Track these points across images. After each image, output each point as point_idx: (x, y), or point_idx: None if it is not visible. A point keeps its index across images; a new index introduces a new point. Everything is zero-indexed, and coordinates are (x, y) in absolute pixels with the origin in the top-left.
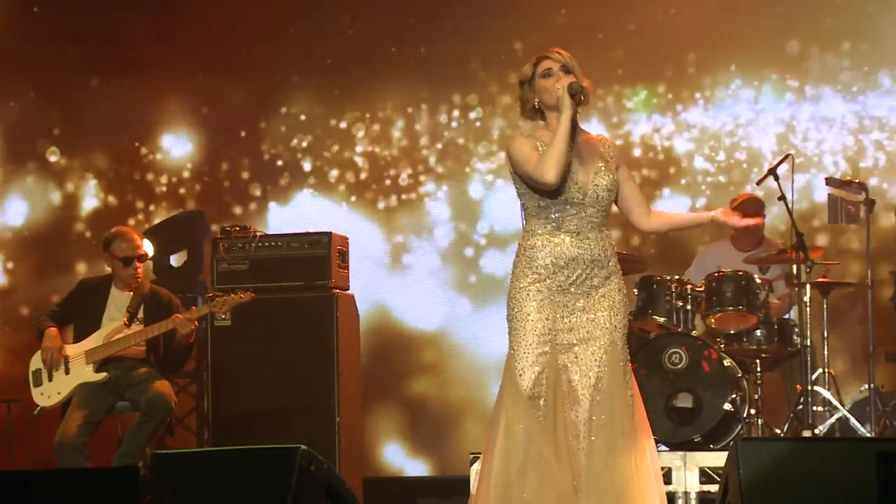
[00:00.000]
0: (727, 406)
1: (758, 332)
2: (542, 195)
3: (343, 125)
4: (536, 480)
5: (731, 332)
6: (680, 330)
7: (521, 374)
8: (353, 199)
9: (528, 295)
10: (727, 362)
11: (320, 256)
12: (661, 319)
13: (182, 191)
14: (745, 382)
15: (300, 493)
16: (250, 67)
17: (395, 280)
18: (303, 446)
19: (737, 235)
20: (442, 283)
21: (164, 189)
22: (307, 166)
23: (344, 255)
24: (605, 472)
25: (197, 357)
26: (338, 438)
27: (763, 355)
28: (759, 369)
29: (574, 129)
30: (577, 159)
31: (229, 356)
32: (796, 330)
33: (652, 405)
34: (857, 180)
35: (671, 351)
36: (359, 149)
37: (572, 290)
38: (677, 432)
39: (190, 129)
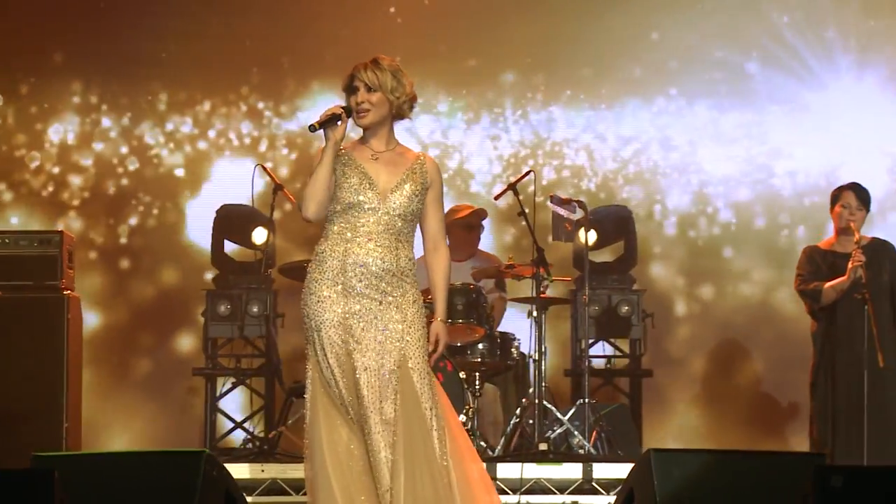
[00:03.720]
0: (462, 418)
1: (480, 346)
2: (336, 199)
3: None
4: (360, 484)
5: (458, 344)
6: None
7: (329, 383)
8: None
9: (318, 300)
10: (462, 374)
11: (51, 256)
12: None
13: None
14: (469, 395)
15: (204, 496)
16: None
17: None
18: (206, 451)
19: (451, 245)
20: None
21: None
22: None
23: (72, 256)
24: (413, 495)
25: None
26: (65, 444)
27: (483, 368)
28: (477, 382)
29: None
30: (382, 166)
31: None
32: (515, 343)
33: None
34: (576, 199)
35: None
36: None
37: (362, 297)
38: None
39: None
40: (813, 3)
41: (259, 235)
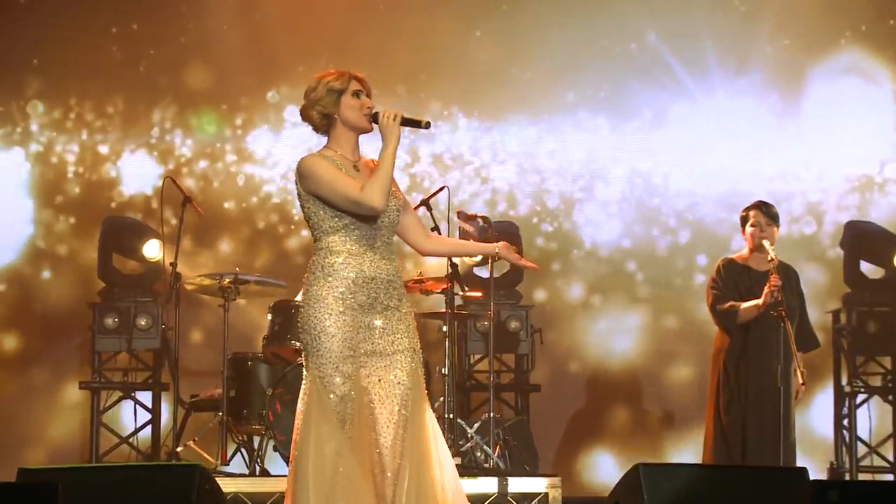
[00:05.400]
0: None
1: None
2: (337, 214)
3: None
4: (344, 499)
5: None
6: None
7: (329, 395)
8: None
9: (329, 315)
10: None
11: None
12: (298, 344)
13: None
14: None
15: None
16: None
17: None
18: (200, 465)
19: None
20: None
21: None
22: None
23: None
24: (416, 497)
25: None
26: None
27: None
28: None
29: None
30: (365, 178)
31: None
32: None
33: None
34: (481, 216)
35: None
36: None
37: (371, 310)
38: None
39: None
40: (691, 21)
41: (151, 248)
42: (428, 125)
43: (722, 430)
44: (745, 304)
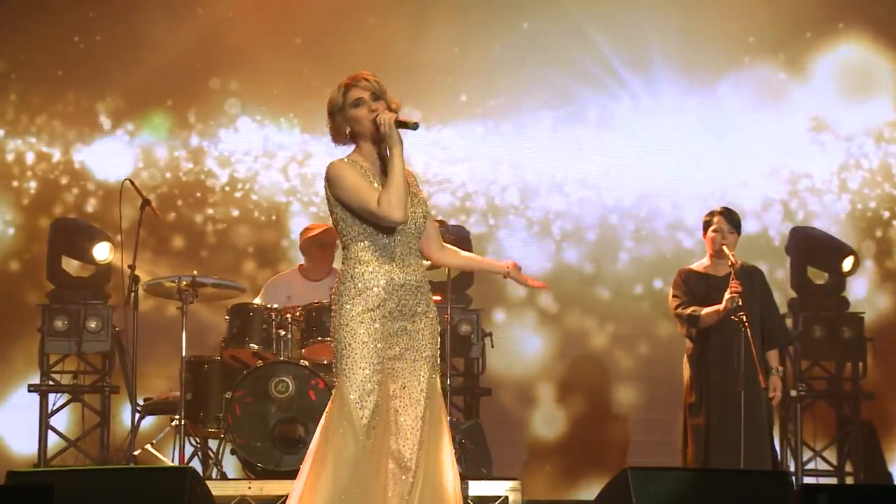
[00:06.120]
0: None
1: None
2: (366, 222)
3: None
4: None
5: (325, 362)
6: (281, 358)
7: (357, 404)
8: None
9: (361, 323)
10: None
11: None
12: (257, 347)
13: None
14: None
15: None
16: None
17: None
18: (192, 467)
19: (307, 265)
20: None
21: None
22: None
23: None
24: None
25: None
26: None
27: None
28: None
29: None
30: None
31: None
32: None
33: (258, 433)
34: (437, 220)
35: (278, 379)
36: None
37: (400, 316)
38: (283, 461)
39: None
40: (638, 31)
41: (101, 251)
42: (416, 126)
43: (688, 433)
44: (706, 310)
